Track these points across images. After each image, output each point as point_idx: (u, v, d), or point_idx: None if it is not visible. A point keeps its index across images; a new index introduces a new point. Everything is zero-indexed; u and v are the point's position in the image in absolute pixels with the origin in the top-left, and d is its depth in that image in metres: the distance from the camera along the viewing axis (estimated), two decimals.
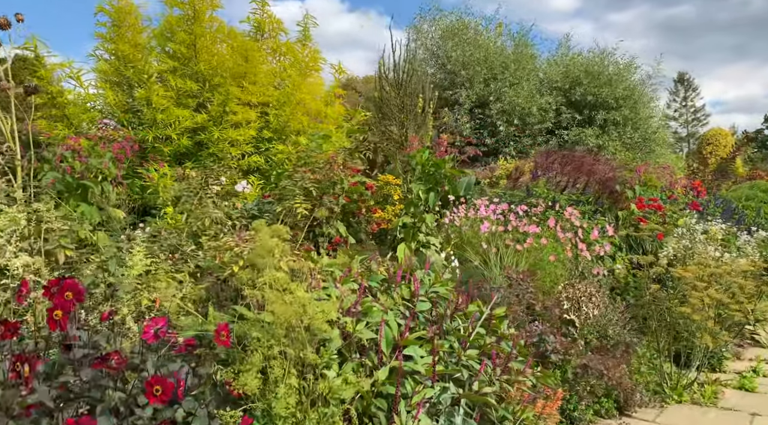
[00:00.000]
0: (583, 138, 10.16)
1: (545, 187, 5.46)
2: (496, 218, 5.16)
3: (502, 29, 12.27)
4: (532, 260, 4.73)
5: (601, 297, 4.63)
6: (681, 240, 4.93)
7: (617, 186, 5.84)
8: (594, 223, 5.27)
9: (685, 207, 7.79)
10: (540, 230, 4.88)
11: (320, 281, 2.30)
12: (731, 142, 29.12)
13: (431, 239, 4.95)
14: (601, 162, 5.96)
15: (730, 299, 4.51)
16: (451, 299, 2.92)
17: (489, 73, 10.66)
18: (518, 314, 3.81)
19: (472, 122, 10.59)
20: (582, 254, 4.84)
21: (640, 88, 11.23)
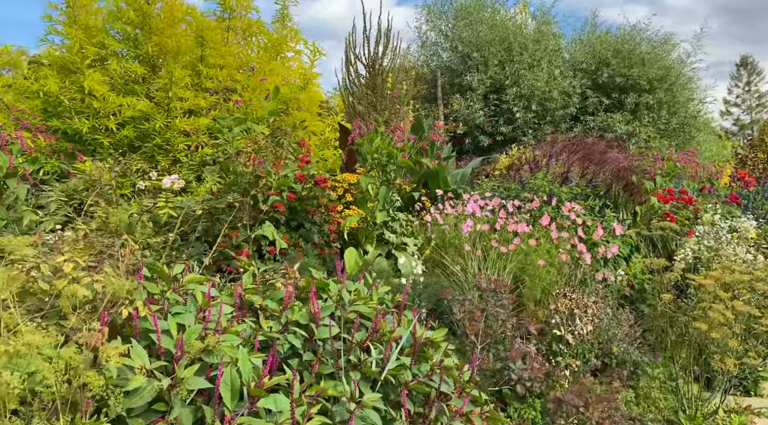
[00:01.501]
0: (612, 124, 9.36)
1: (545, 179, 4.84)
2: (483, 216, 4.59)
3: (525, 8, 11.54)
4: (520, 265, 4.15)
5: (601, 308, 4.01)
6: (703, 240, 4.24)
7: (633, 177, 5.15)
8: (600, 220, 4.63)
9: (723, 200, 6.99)
10: (531, 228, 4.28)
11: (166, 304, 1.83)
12: None
13: (406, 241, 4.42)
14: (616, 150, 5.28)
15: (762, 312, 3.82)
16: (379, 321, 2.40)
17: (506, 55, 9.96)
18: (490, 331, 3.25)
19: (486, 108, 9.91)
20: (583, 257, 4.22)
21: (677, 68, 10.30)
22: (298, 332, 1.99)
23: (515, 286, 4.20)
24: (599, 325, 3.99)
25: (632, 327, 4.26)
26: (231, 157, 2.93)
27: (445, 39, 11.01)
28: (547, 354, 3.80)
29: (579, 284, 4.34)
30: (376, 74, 4.58)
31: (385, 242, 4.40)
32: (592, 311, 3.84)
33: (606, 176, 5.37)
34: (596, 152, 5.17)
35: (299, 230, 3.84)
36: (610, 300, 4.31)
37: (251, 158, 2.91)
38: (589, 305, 3.78)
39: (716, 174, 9.16)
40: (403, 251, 4.42)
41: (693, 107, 10.53)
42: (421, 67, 11.35)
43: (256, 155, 2.93)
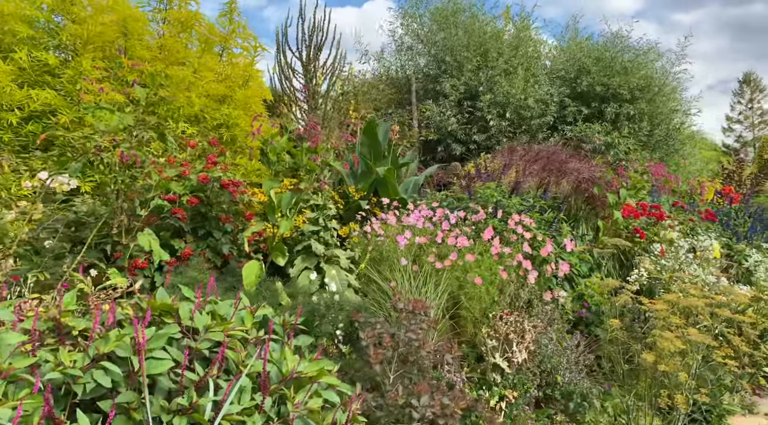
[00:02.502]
0: (590, 135, 9.09)
1: (496, 189, 4.52)
2: (426, 227, 4.27)
3: (509, 13, 11.30)
4: (459, 283, 3.81)
5: (542, 333, 3.67)
6: (660, 260, 3.92)
7: (595, 189, 4.84)
8: (551, 235, 4.31)
9: (696, 215, 6.70)
10: (472, 243, 3.95)
11: None
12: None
13: (338, 253, 4.08)
14: (577, 160, 4.97)
15: (719, 342, 3.50)
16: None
17: (482, 60, 9.70)
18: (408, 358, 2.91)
19: (459, 115, 9.62)
20: (528, 275, 3.90)
21: (660, 78, 10.06)
22: (110, 368, 1.64)
23: (454, 306, 3.86)
24: (542, 352, 3.65)
25: (582, 354, 3.93)
26: (90, 152, 2.59)
27: (420, 43, 10.76)
28: (480, 384, 3.46)
29: (525, 305, 4.01)
30: (311, 77, 4.27)
31: (315, 255, 4.06)
32: (531, 336, 3.50)
33: (566, 188, 5.06)
34: (556, 161, 4.86)
35: (207, 240, 3.49)
36: (560, 324, 3.98)
37: (119, 155, 2.57)
38: (528, 329, 3.45)
39: (697, 189, 8.90)
40: (334, 265, 4.07)
41: (677, 118, 10.29)
42: (396, 73, 11.09)
43: (125, 151, 2.59)
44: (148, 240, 2.64)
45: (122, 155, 2.53)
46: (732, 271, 4.43)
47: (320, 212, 4.15)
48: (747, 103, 41.91)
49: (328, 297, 3.11)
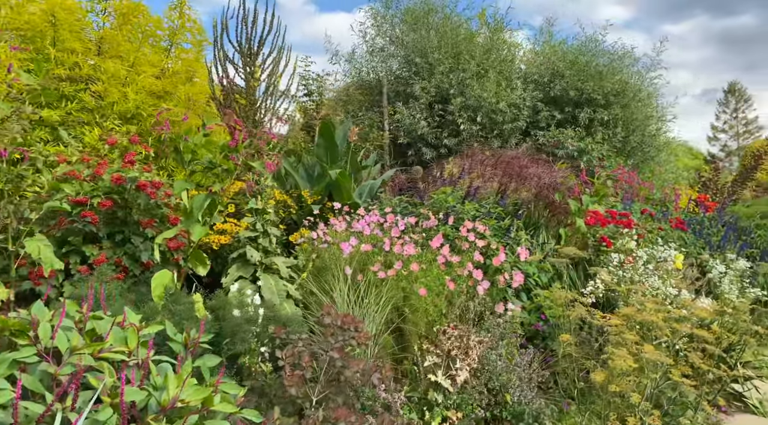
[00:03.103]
0: (563, 140, 8.96)
1: (451, 194, 4.32)
2: (374, 234, 4.05)
3: (485, 16, 11.16)
4: (401, 294, 3.59)
5: (491, 347, 3.46)
6: (618, 271, 3.74)
7: (556, 196, 4.66)
8: (504, 243, 4.11)
9: (666, 224, 6.57)
10: (420, 251, 3.74)
11: None
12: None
13: (276, 261, 3.83)
14: (539, 165, 4.79)
15: (676, 360, 3.32)
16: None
17: (454, 63, 9.53)
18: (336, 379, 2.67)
19: (430, 119, 9.43)
20: (479, 286, 3.69)
21: (635, 83, 9.98)
22: None
23: (400, 320, 3.64)
24: (490, 369, 3.44)
25: (537, 370, 3.73)
26: None
27: (392, 44, 10.57)
28: (421, 405, 3.24)
29: (476, 318, 3.80)
30: (252, 73, 4.02)
31: (252, 263, 3.81)
32: (477, 352, 3.28)
33: (527, 194, 4.88)
34: (516, 166, 4.67)
35: (125, 246, 3.23)
36: (511, 338, 3.77)
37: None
38: (473, 345, 3.23)
39: (671, 197, 8.79)
40: (273, 274, 3.83)
41: (653, 125, 10.21)
42: (368, 74, 10.89)
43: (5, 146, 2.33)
44: (36, 246, 2.37)
45: (4, 151, 2.27)
46: (699, 283, 4.27)
47: (259, 217, 3.91)
48: (732, 112, 42.89)
49: (252, 310, 2.87)
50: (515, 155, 5.00)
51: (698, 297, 3.74)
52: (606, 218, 5.66)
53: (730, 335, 4.12)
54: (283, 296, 3.71)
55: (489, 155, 4.98)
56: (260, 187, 3.91)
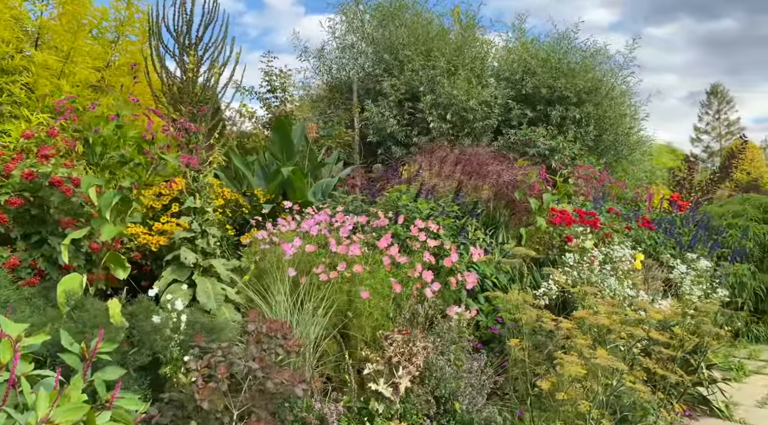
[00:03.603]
0: (534, 139, 8.86)
1: (406, 192, 4.16)
2: (322, 234, 3.87)
3: (458, 12, 11.05)
4: (345, 297, 3.42)
5: (440, 353, 3.30)
6: (573, 271, 3.61)
7: (516, 194, 4.53)
8: (458, 243, 3.96)
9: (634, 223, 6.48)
10: (366, 251, 3.57)
11: None
12: (759, 155, 28.16)
13: (214, 264, 3.64)
14: (500, 162, 4.66)
15: (630, 364, 3.19)
16: None
17: (424, 60, 9.39)
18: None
19: (399, 116, 9.28)
20: (429, 288, 3.53)
21: (609, 81, 9.92)
22: None
23: (342, 325, 3.47)
24: (438, 375, 3.28)
25: (491, 376, 3.58)
26: None
27: (362, 41, 10.39)
28: (361, 416, 3.06)
29: (427, 322, 3.64)
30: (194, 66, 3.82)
31: (188, 266, 3.60)
32: (423, 357, 3.12)
33: (488, 192, 4.74)
34: (475, 163, 4.52)
35: (42, 248, 3.01)
36: (462, 342, 3.61)
37: None
38: (416, 351, 3.07)
39: (643, 196, 8.74)
40: (211, 278, 3.63)
41: (626, 123, 10.16)
42: (338, 71, 10.71)
43: None
44: None
45: None
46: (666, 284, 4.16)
47: (198, 216, 3.71)
48: (714, 114, 43.78)
49: (167, 317, 2.67)
50: (476, 152, 4.86)
51: (656, 299, 3.62)
52: (573, 217, 5.55)
53: (693, 337, 4.01)
54: (221, 300, 3.52)
55: (449, 152, 4.83)
56: (198, 184, 3.71)
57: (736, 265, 7.12)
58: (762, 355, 6.34)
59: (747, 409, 4.54)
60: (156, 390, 2.67)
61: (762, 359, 6.19)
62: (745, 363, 5.78)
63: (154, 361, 2.69)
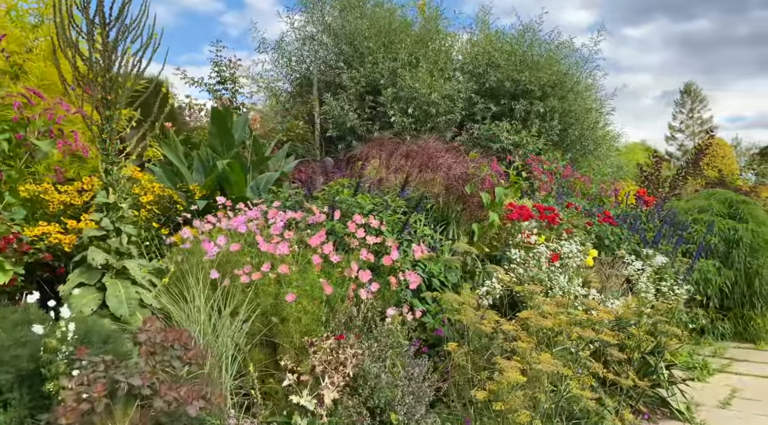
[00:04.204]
0: (498, 133, 8.67)
1: (344, 186, 3.90)
2: (248, 232, 3.58)
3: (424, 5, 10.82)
4: (269, 301, 3.14)
5: (375, 359, 3.05)
6: (518, 268, 3.38)
7: (467, 188, 4.30)
8: (401, 239, 3.71)
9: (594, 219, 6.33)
10: (295, 250, 3.29)
11: None
12: (730, 153, 28.63)
13: (128, 265, 3.32)
14: (451, 154, 4.42)
15: (573, 368, 2.98)
16: None
17: (385, 52, 9.13)
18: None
19: (360, 110, 9.00)
20: (366, 289, 3.27)
21: (573, 75, 9.80)
22: None
23: (266, 329, 3.18)
24: (372, 384, 3.02)
25: (433, 383, 3.34)
26: None
27: (322, 32, 10.09)
28: None
29: (366, 326, 3.38)
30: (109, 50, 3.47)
31: (96, 268, 3.28)
32: (354, 365, 2.86)
33: (439, 187, 4.50)
34: (425, 156, 4.28)
35: None
36: (404, 347, 3.37)
37: None
38: (344, 359, 2.80)
39: (607, 191, 8.63)
40: (125, 281, 3.31)
41: (592, 117, 10.05)
42: (298, 64, 10.38)
43: None
44: None
45: None
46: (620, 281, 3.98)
47: (112, 213, 3.39)
48: (688, 112, 44.85)
49: (53, 325, 2.36)
50: (427, 145, 4.62)
51: (608, 298, 3.41)
52: (532, 212, 5.35)
53: (650, 338, 3.83)
54: (135, 305, 3.21)
55: (399, 144, 4.58)
56: (112, 178, 3.39)
57: (701, 261, 7.04)
58: (727, 353, 6.25)
59: (709, 410, 4.40)
60: (43, 410, 2.36)
61: (726, 357, 6.10)
62: (710, 361, 5.67)
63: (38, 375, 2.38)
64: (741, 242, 7.19)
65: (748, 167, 32.76)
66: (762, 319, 7.00)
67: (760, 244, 7.18)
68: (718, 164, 26.59)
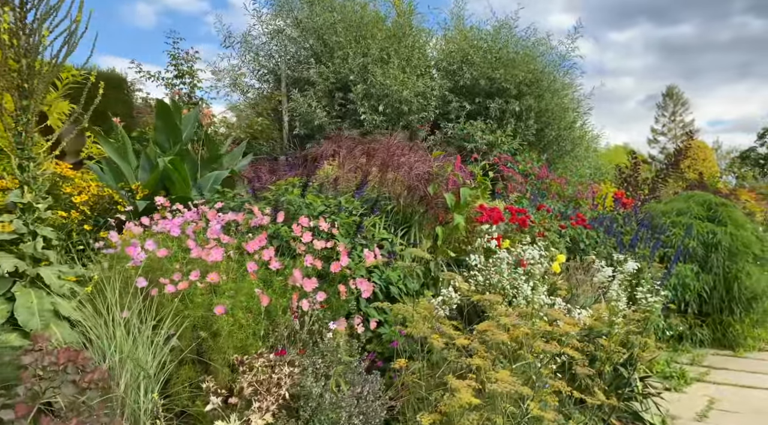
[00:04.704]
0: (472, 133, 8.45)
1: (294, 185, 3.62)
2: (182, 235, 3.28)
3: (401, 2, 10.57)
4: (199, 313, 2.84)
5: (317, 377, 2.77)
6: (477, 275, 3.13)
7: (430, 188, 4.04)
8: (354, 244, 3.44)
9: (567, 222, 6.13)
10: (231, 256, 3.00)
11: None
12: (711, 156, 28.93)
13: (42, 273, 3.00)
14: (415, 153, 4.16)
15: (537, 390, 2.73)
16: None
17: (355, 46, 8.86)
18: None
19: (329, 107, 8.72)
20: (305, 301, 2.99)
21: (551, 73, 9.61)
22: None
23: (195, 345, 2.88)
24: (313, 406, 2.74)
25: (387, 401, 3.07)
26: None
27: (291, 26, 9.77)
28: None
29: (312, 339, 3.09)
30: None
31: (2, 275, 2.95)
32: (289, 384, 2.58)
33: (401, 187, 4.24)
34: (385, 154, 4.01)
35: None
36: (354, 362, 3.09)
37: None
38: (278, 379, 2.52)
39: (584, 193, 8.45)
40: (39, 290, 2.99)
41: (569, 117, 9.88)
42: (267, 59, 10.06)
43: None
44: None
45: None
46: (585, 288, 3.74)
47: (28, 214, 3.06)
48: (670, 116, 45.60)
49: None
50: (389, 143, 4.36)
51: (574, 307, 3.18)
52: (504, 215, 5.13)
53: (621, 349, 3.60)
54: (50, 317, 2.88)
55: (359, 141, 4.31)
56: (29, 175, 3.07)
57: (679, 265, 6.89)
58: (705, 360, 6.10)
59: (685, 423, 4.22)
60: None
61: (705, 365, 5.94)
62: (687, 369, 5.50)
63: None
64: (720, 245, 7.04)
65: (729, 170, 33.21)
66: (741, 325, 6.85)
67: (739, 248, 7.04)
68: (699, 166, 26.83)
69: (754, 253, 7.24)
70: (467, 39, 9.45)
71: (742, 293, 6.83)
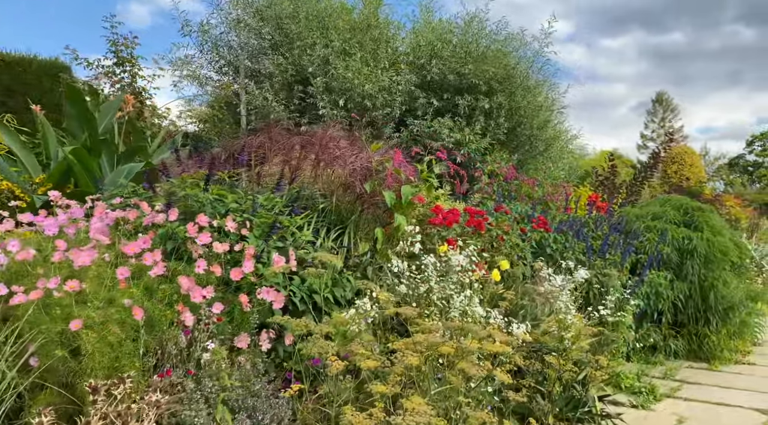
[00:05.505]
0: (440, 130, 8.08)
1: (198, 180, 3.21)
2: (60, 234, 2.85)
3: None
4: (58, 327, 2.41)
5: (194, 408, 2.35)
6: (399, 286, 2.74)
7: (366, 186, 3.64)
8: (268, 247, 3.03)
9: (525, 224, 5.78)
10: (105, 258, 2.58)
11: None
12: (698, 162, 28.98)
13: None
14: (351, 146, 3.77)
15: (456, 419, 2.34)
16: None
17: (317, 37, 8.45)
18: None
19: (287, 101, 8.30)
20: (186, 315, 2.58)
21: (523, 69, 9.28)
22: None
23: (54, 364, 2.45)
24: None
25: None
26: None
27: (249, 15, 9.33)
28: None
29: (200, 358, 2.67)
30: None
31: None
32: (157, 416, 2.16)
33: (334, 183, 3.84)
34: (318, 146, 3.61)
35: None
36: (258, 385, 2.68)
37: None
38: (137, 410, 2.10)
39: (556, 195, 8.12)
40: None
41: (542, 116, 9.56)
42: (225, 50, 9.61)
43: None
44: None
45: None
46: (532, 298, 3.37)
47: None
48: (660, 121, 46.15)
49: None
50: (324, 134, 3.96)
51: (513, 321, 2.80)
52: (463, 217, 4.76)
53: (573, 367, 3.24)
54: None
55: (292, 133, 3.91)
56: None
57: (652, 272, 6.58)
58: (678, 373, 5.78)
59: None
60: None
61: (678, 378, 5.62)
62: (658, 384, 5.18)
63: None
64: (696, 252, 6.74)
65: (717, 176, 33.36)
66: (717, 336, 6.55)
67: (715, 255, 6.75)
68: (687, 172, 26.83)
69: (732, 260, 6.96)
70: (436, 32, 9.09)
71: (719, 302, 6.54)
